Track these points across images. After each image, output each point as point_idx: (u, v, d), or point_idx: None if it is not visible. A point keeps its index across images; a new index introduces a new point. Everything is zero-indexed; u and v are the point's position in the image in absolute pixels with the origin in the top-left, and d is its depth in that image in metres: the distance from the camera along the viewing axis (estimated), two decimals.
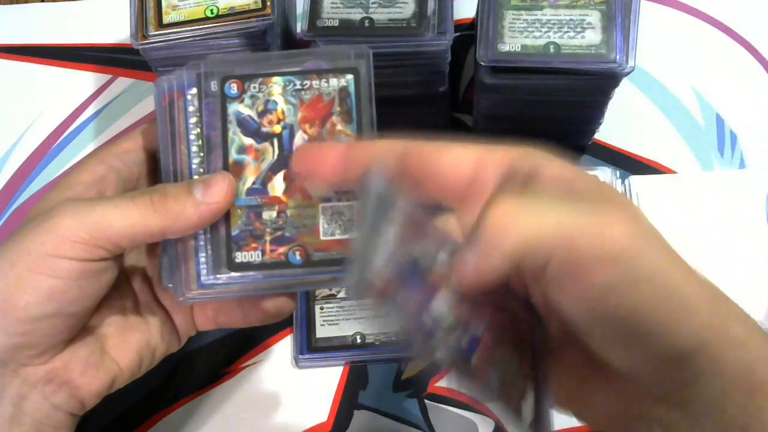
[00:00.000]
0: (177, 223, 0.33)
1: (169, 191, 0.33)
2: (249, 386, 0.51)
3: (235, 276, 0.35)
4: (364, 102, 0.35)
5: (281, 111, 0.35)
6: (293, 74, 0.35)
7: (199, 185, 0.34)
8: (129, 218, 0.33)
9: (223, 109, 0.35)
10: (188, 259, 0.35)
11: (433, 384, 0.51)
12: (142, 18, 0.48)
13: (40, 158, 0.59)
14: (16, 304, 0.32)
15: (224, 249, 0.35)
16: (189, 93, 0.35)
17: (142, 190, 0.35)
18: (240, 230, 0.35)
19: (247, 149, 0.35)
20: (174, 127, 0.35)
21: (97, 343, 0.36)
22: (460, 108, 0.58)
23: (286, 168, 0.35)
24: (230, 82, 0.35)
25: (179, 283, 0.35)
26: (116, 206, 0.33)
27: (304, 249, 0.35)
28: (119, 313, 0.37)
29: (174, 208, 0.33)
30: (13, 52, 0.62)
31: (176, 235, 0.34)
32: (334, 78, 0.35)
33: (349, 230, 0.35)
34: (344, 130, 0.35)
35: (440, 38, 0.46)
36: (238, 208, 0.35)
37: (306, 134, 0.35)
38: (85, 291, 0.33)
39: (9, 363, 0.33)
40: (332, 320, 0.51)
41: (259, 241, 0.35)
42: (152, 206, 0.33)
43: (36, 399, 0.34)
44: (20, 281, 0.32)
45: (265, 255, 0.35)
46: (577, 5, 0.46)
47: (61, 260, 0.32)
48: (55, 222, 0.32)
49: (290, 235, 0.35)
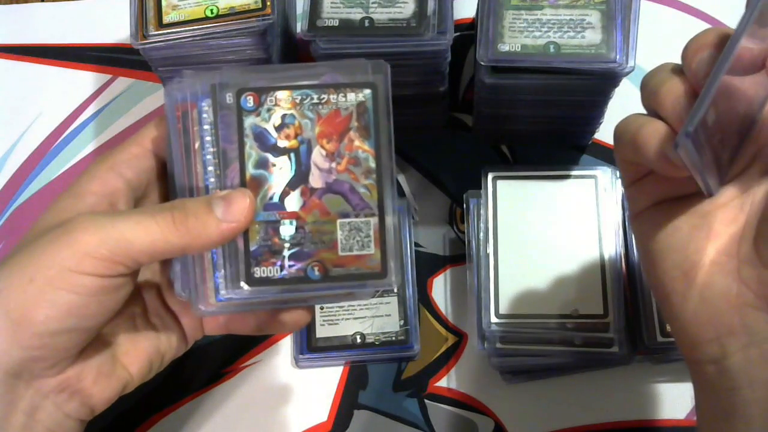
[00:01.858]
0: (198, 241, 0.33)
1: (190, 208, 0.33)
2: (249, 386, 0.51)
3: (253, 290, 0.35)
4: (382, 118, 0.35)
5: (298, 125, 0.35)
6: (310, 87, 0.35)
7: (220, 203, 0.33)
8: (150, 235, 0.32)
9: (240, 122, 0.35)
10: (205, 273, 0.34)
11: (433, 384, 0.51)
12: (142, 18, 0.48)
13: (40, 158, 0.59)
14: (34, 319, 0.32)
15: (243, 264, 0.34)
16: (203, 104, 0.35)
17: (162, 205, 0.34)
18: (258, 245, 0.35)
19: (265, 164, 0.35)
20: (188, 139, 0.35)
21: (109, 352, 0.36)
22: (460, 108, 0.58)
23: (304, 183, 0.35)
24: (246, 94, 0.35)
25: (196, 297, 0.35)
26: (138, 223, 0.32)
27: (322, 264, 0.35)
28: (129, 320, 0.37)
29: (195, 227, 0.33)
30: (13, 52, 0.62)
31: (196, 252, 0.34)
32: (352, 93, 0.35)
33: (366, 246, 0.35)
34: (362, 146, 0.35)
35: (440, 38, 0.46)
36: (256, 224, 0.35)
37: (324, 149, 0.35)
38: (104, 306, 0.33)
39: (22, 375, 0.33)
40: (332, 320, 0.51)
41: (277, 256, 0.35)
42: (173, 224, 0.33)
43: (48, 408, 0.34)
44: (39, 296, 0.32)
45: (284, 270, 0.35)
46: (577, 5, 0.46)
47: (82, 276, 0.32)
48: (76, 237, 0.32)
49: (308, 250, 0.35)
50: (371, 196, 0.35)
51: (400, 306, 0.51)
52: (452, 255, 0.54)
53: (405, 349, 0.50)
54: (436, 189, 0.56)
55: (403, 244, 0.52)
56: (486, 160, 0.56)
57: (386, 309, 0.51)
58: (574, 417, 0.49)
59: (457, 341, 0.52)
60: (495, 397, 0.50)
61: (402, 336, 0.50)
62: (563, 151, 0.56)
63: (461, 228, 0.54)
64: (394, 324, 0.51)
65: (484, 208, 0.49)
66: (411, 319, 0.51)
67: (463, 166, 0.56)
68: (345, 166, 0.35)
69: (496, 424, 0.50)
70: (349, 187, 0.35)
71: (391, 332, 0.51)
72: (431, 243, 0.54)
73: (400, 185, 0.53)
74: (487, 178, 0.49)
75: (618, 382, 0.50)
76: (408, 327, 0.51)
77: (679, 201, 0.33)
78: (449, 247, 0.54)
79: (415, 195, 0.56)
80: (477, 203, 0.50)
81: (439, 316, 0.53)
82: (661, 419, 0.49)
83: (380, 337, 0.50)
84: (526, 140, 0.56)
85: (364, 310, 0.51)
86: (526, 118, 0.52)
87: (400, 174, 0.54)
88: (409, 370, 0.51)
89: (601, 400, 0.50)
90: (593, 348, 0.47)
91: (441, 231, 0.55)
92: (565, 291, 0.47)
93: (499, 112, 0.52)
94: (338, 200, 0.35)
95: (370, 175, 0.35)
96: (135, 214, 0.33)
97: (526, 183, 0.50)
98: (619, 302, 0.47)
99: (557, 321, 0.47)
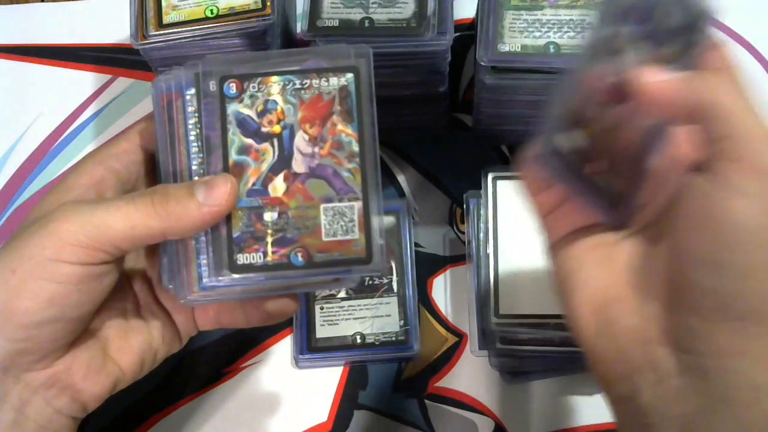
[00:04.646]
0: (179, 225, 0.33)
1: (171, 192, 0.33)
2: (249, 386, 0.51)
3: (236, 278, 0.35)
4: (365, 101, 0.35)
5: (281, 110, 0.35)
6: (293, 73, 0.35)
7: (201, 187, 0.33)
8: (130, 220, 0.32)
9: (223, 109, 0.35)
10: (189, 261, 0.35)
11: (433, 384, 0.51)
12: (142, 18, 0.48)
13: (40, 158, 0.59)
14: (17, 310, 0.32)
15: (226, 251, 0.35)
16: (187, 93, 0.35)
17: (143, 191, 0.35)
18: (241, 232, 0.35)
19: (248, 150, 0.35)
20: (173, 128, 0.35)
21: (99, 347, 0.36)
22: (460, 108, 0.58)
23: (287, 168, 0.35)
24: (229, 81, 0.35)
25: (181, 285, 0.35)
26: (117, 209, 0.33)
27: (306, 250, 0.35)
28: (120, 315, 0.37)
29: (176, 210, 0.33)
30: (13, 52, 0.62)
31: (177, 236, 0.34)
32: (335, 77, 0.35)
33: (351, 231, 0.35)
34: (345, 130, 0.35)
35: (440, 38, 0.46)
36: (239, 210, 0.35)
37: (306, 134, 0.35)
38: (87, 295, 0.33)
39: (11, 369, 0.33)
40: (332, 320, 0.51)
41: (260, 242, 0.35)
42: (153, 208, 0.33)
43: (38, 404, 0.34)
44: (21, 287, 0.32)
45: (267, 257, 0.35)
46: (577, 5, 0.46)
47: (62, 265, 0.32)
48: (56, 226, 0.32)
49: (292, 236, 0.35)
50: (355, 180, 0.35)
51: (400, 306, 0.51)
52: (452, 255, 0.54)
53: (405, 350, 0.50)
54: (436, 189, 0.56)
55: (403, 244, 0.52)
56: (486, 160, 0.56)
57: (386, 309, 0.51)
58: (574, 417, 0.49)
59: (457, 341, 0.52)
60: (495, 397, 0.50)
61: (402, 336, 0.50)
62: None
63: (461, 228, 0.54)
64: (394, 324, 0.51)
65: (484, 208, 0.49)
66: (411, 320, 0.51)
67: (463, 166, 0.56)
68: (328, 151, 0.35)
69: (496, 424, 0.50)
70: (332, 172, 0.35)
71: (391, 332, 0.51)
72: (431, 243, 0.54)
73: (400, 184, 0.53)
74: (487, 178, 0.49)
75: None
76: (408, 327, 0.51)
77: (590, 232, 0.32)
78: (449, 247, 0.54)
79: (415, 195, 0.56)
80: (477, 203, 0.50)
81: (439, 316, 0.53)
82: None
83: (380, 338, 0.50)
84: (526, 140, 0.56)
85: (364, 311, 0.51)
86: (526, 118, 0.52)
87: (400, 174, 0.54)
88: (409, 370, 0.51)
89: (601, 400, 0.50)
90: None
91: (441, 231, 0.55)
92: None
93: (499, 112, 0.52)
94: (321, 185, 0.35)
95: (353, 159, 0.35)
96: (115, 200, 0.33)
97: None
98: None
99: (557, 321, 0.47)
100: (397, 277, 0.52)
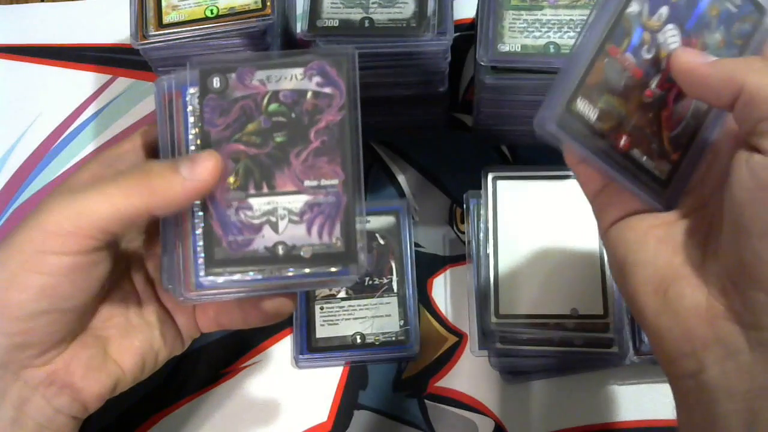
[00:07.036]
0: (163, 201, 0.33)
1: (155, 169, 0.33)
2: (249, 386, 0.51)
3: (232, 278, 0.35)
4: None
5: None
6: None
7: (186, 162, 0.34)
8: (112, 201, 0.32)
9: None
10: (187, 260, 0.35)
11: (433, 384, 0.51)
12: (142, 18, 0.48)
13: (40, 158, 0.59)
14: (9, 303, 0.32)
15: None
16: (188, 91, 0.36)
17: (127, 170, 0.35)
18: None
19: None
20: (173, 126, 0.36)
21: (99, 345, 0.36)
22: (460, 108, 0.58)
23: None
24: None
25: (178, 284, 0.35)
26: (99, 192, 0.32)
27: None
28: (121, 315, 0.37)
29: (160, 186, 0.33)
30: (13, 52, 0.62)
31: (162, 212, 0.34)
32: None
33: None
34: None
35: (440, 38, 0.46)
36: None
37: None
38: (77, 286, 0.33)
39: (10, 365, 0.33)
40: (332, 320, 0.51)
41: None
42: (136, 185, 0.33)
43: (38, 402, 0.34)
44: (12, 280, 0.32)
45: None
46: (577, 5, 0.46)
47: (50, 256, 0.32)
48: (42, 218, 0.32)
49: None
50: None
51: (400, 306, 0.51)
52: (452, 255, 0.54)
53: (405, 350, 0.50)
54: (436, 189, 0.56)
55: (403, 244, 0.52)
56: (486, 160, 0.56)
57: (386, 309, 0.51)
58: (574, 417, 0.49)
59: (457, 341, 0.52)
60: (495, 397, 0.50)
61: (402, 336, 0.50)
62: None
63: (461, 228, 0.54)
64: (394, 324, 0.51)
65: (484, 208, 0.49)
66: (411, 320, 0.51)
67: (463, 166, 0.56)
68: None
69: (496, 424, 0.50)
70: None
71: (391, 332, 0.51)
72: (431, 243, 0.54)
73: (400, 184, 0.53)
74: (487, 178, 0.49)
75: (618, 382, 0.50)
76: (408, 327, 0.51)
77: (645, 214, 0.32)
78: (449, 247, 0.54)
79: (415, 195, 0.56)
80: (477, 203, 0.50)
81: (439, 316, 0.53)
82: (660, 419, 0.49)
83: (380, 338, 0.50)
84: (526, 140, 0.56)
85: (364, 311, 0.51)
86: (526, 118, 0.52)
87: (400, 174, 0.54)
88: (409, 370, 0.51)
89: (601, 400, 0.50)
90: (593, 348, 0.47)
91: (441, 231, 0.55)
92: (564, 291, 0.47)
93: (499, 112, 0.52)
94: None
95: None
96: (97, 184, 0.33)
97: (526, 183, 0.50)
98: (618, 302, 0.47)
99: (557, 321, 0.47)
100: (397, 277, 0.52)
